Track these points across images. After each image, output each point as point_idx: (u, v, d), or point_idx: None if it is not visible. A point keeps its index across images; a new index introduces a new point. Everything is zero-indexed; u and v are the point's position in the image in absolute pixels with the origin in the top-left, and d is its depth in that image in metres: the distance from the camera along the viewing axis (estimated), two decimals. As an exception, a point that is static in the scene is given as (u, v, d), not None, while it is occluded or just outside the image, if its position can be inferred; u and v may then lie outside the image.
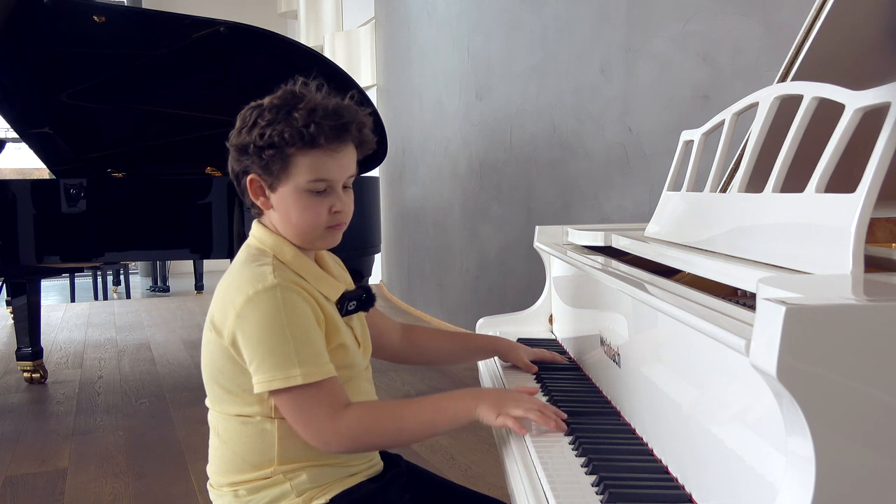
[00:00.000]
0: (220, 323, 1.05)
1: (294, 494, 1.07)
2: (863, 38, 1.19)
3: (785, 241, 0.93)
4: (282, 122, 1.03)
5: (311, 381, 1.01)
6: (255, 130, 1.05)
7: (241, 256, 1.11)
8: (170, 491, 2.40)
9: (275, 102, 1.06)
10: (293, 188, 1.06)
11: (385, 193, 6.08)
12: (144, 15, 4.22)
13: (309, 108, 1.04)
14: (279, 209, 1.09)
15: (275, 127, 1.03)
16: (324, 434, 1.03)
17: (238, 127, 1.08)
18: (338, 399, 1.04)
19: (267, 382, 1.01)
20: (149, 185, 3.52)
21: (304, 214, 1.07)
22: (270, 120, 1.04)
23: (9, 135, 5.05)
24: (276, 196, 1.08)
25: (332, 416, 1.02)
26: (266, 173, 1.06)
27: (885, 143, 0.80)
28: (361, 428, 1.04)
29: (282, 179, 1.06)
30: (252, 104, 1.09)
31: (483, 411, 1.05)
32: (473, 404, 1.06)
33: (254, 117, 1.06)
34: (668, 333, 0.95)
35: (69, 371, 4.03)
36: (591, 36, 3.51)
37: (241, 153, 1.07)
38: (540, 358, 1.42)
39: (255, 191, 1.09)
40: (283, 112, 1.04)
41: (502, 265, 4.29)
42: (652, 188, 3.16)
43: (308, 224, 1.08)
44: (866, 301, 0.67)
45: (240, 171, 1.09)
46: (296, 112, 1.03)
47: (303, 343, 1.01)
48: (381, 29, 6.43)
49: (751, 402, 0.72)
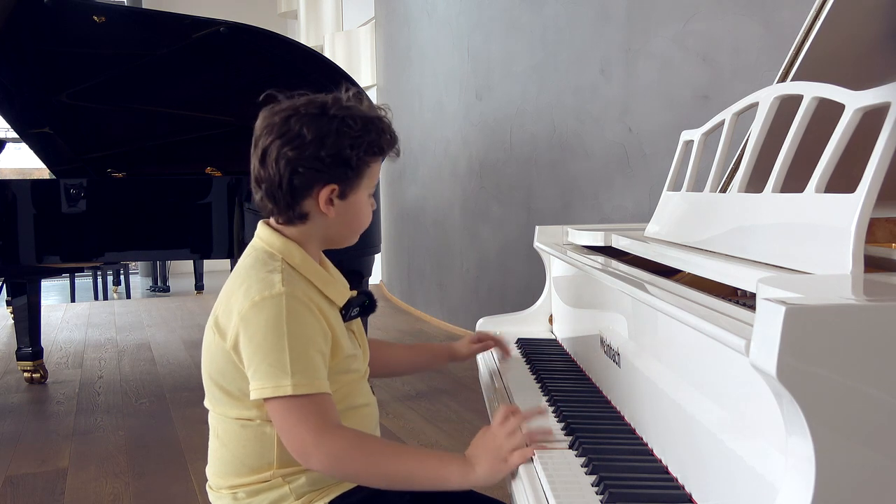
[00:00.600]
0: (223, 325, 1.05)
1: (293, 498, 1.07)
2: (863, 38, 1.20)
3: (785, 241, 0.93)
4: (372, 130, 1.08)
5: (300, 393, 1.00)
6: (344, 140, 1.05)
7: (249, 259, 1.10)
8: (170, 491, 2.40)
9: (352, 111, 1.07)
10: (363, 196, 1.12)
11: (385, 193, 6.08)
12: (144, 15, 4.22)
13: (381, 120, 1.10)
14: (346, 214, 1.10)
15: (366, 137, 1.07)
16: (305, 447, 1.00)
17: (314, 137, 1.04)
18: (327, 416, 1.02)
19: (259, 390, 1.01)
20: (149, 186, 3.52)
21: (365, 218, 1.14)
22: (360, 130, 1.06)
23: (9, 135, 5.05)
24: (346, 203, 1.10)
25: (316, 431, 1.00)
26: (346, 183, 1.08)
27: (885, 143, 0.80)
28: (343, 454, 1.00)
29: (356, 188, 1.10)
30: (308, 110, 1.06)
31: (485, 470, 0.99)
32: (468, 469, 1.00)
33: (335, 126, 1.05)
34: (668, 333, 0.95)
35: (69, 371, 4.03)
36: (591, 36, 3.51)
37: (330, 165, 1.05)
38: (480, 338, 1.47)
39: (327, 199, 1.08)
40: (368, 121, 1.08)
41: (502, 265, 4.29)
42: (652, 188, 3.16)
43: (363, 225, 1.15)
44: (866, 301, 0.67)
45: (312, 181, 1.06)
46: (380, 121, 1.10)
47: (299, 354, 1.01)
48: (381, 29, 6.43)
49: (751, 402, 0.72)
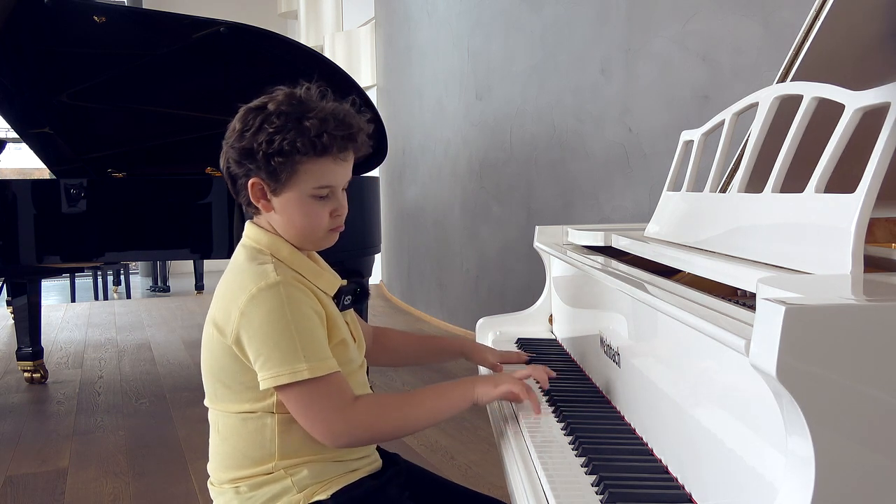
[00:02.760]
0: (222, 322, 1.05)
1: (295, 490, 1.07)
2: (863, 38, 1.19)
3: (785, 241, 0.93)
4: (292, 129, 1.03)
5: (317, 375, 1.01)
6: (261, 135, 1.04)
7: (240, 257, 1.11)
8: (170, 491, 2.40)
9: (283, 108, 1.05)
10: (298, 194, 1.07)
11: (385, 193, 6.08)
12: (144, 15, 4.22)
13: (320, 118, 1.04)
14: (282, 212, 1.09)
15: (285, 135, 1.03)
16: (335, 425, 1.04)
17: (239, 129, 1.07)
18: (345, 392, 1.05)
19: (273, 378, 1.01)
20: (149, 185, 3.52)
21: (308, 219, 1.09)
22: (279, 127, 1.03)
23: (9, 135, 5.05)
24: (280, 200, 1.08)
25: (341, 408, 1.04)
26: (271, 178, 1.06)
27: (885, 143, 0.80)
28: (372, 417, 1.06)
29: (287, 185, 1.06)
30: (253, 105, 1.08)
31: (481, 389, 1.12)
32: (471, 386, 1.13)
33: (259, 122, 1.05)
34: (668, 333, 0.95)
35: (69, 371, 4.03)
36: (591, 36, 3.51)
37: (244, 157, 1.06)
38: (506, 359, 1.44)
39: (257, 194, 1.09)
40: (292, 119, 1.03)
41: (502, 265, 4.29)
42: (652, 188, 3.16)
43: (311, 227, 1.10)
44: (866, 301, 0.67)
45: (240, 174, 1.08)
46: (307, 121, 1.03)
47: (307, 338, 1.02)
48: (381, 29, 6.43)
49: (751, 402, 0.72)
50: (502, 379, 1.14)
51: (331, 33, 7.48)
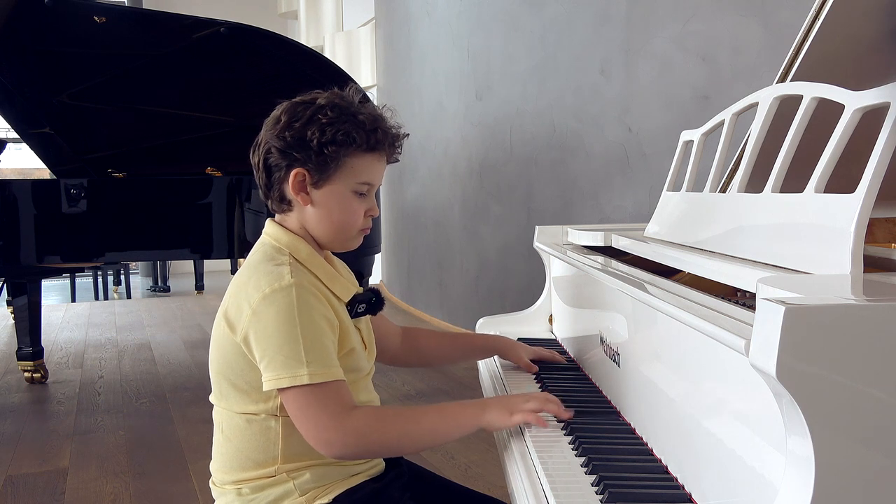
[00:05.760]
0: (234, 318, 1.05)
1: (297, 493, 1.07)
2: (863, 38, 1.20)
3: (784, 241, 0.93)
4: (347, 122, 1.04)
5: (317, 382, 1.01)
6: (313, 125, 1.04)
7: (258, 254, 1.11)
8: (170, 490, 2.40)
9: (336, 101, 1.06)
10: (341, 188, 1.08)
11: (385, 193, 6.08)
12: (145, 15, 4.22)
13: (374, 115, 1.07)
14: (321, 206, 1.09)
15: (339, 126, 1.04)
16: (329, 433, 1.02)
17: (287, 120, 1.06)
18: (344, 401, 1.03)
19: (275, 380, 1.01)
20: (149, 186, 3.52)
21: (345, 215, 1.10)
22: (333, 118, 1.04)
23: (9, 135, 5.06)
24: (321, 193, 1.08)
25: (336, 416, 1.02)
26: (318, 169, 1.06)
27: (885, 143, 0.80)
28: (368, 428, 1.03)
29: (332, 178, 1.07)
30: (299, 100, 1.08)
31: (493, 416, 1.06)
32: (480, 412, 1.06)
33: (310, 112, 1.05)
34: (668, 333, 0.95)
35: (70, 371, 4.03)
36: (591, 36, 3.51)
37: (293, 146, 1.05)
38: (539, 357, 1.42)
39: (297, 185, 1.08)
40: (347, 113, 1.05)
41: (502, 265, 4.29)
42: (652, 188, 3.16)
43: (347, 224, 1.10)
44: (866, 301, 0.67)
45: (281, 165, 1.07)
46: (361, 115, 1.05)
47: (313, 343, 1.02)
48: (381, 29, 6.43)
49: (750, 402, 0.72)
50: (517, 407, 1.06)
51: (331, 33, 7.48)
